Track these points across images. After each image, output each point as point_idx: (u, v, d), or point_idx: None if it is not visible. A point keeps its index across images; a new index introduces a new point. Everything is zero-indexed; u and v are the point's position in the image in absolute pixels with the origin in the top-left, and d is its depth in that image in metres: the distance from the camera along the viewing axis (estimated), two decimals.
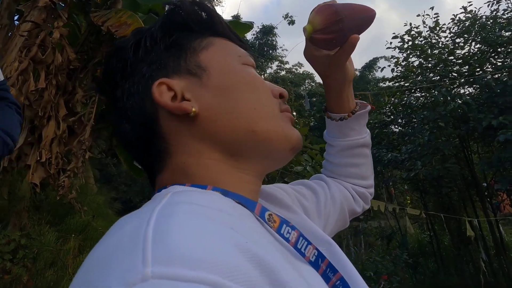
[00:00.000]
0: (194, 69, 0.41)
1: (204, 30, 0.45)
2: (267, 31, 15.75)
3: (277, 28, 15.68)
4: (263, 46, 15.95)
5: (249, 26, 3.90)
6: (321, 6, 0.52)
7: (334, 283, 0.35)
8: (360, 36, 0.54)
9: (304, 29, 0.52)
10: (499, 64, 5.72)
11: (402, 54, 6.94)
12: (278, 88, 0.46)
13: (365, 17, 0.54)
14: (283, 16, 15.13)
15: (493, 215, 6.15)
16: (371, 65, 20.92)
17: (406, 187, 9.26)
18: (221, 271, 0.20)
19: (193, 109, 0.39)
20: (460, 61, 6.27)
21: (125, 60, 0.42)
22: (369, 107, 0.67)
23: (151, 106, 0.40)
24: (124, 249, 0.22)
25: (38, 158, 2.25)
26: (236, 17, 15.13)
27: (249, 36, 15.89)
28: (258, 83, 0.44)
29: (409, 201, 9.73)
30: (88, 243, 2.39)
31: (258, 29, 15.94)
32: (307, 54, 0.59)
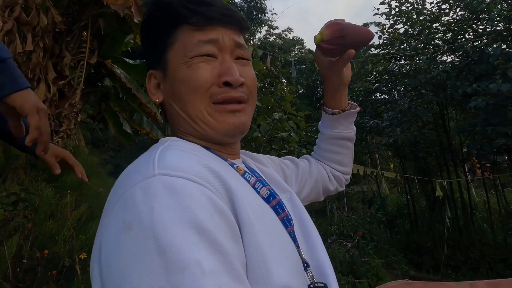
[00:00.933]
0: (164, 66, 0.53)
1: (170, 22, 0.51)
2: None
3: None
4: (252, 9, 15.48)
5: None
6: (331, 22, 0.67)
7: (282, 217, 0.50)
8: (355, 51, 0.67)
9: (315, 37, 0.68)
10: (480, 31, 5.80)
11: (389, 21, 6.97)
12: (226, 75, 0.49)
13: (364, 38, 0.68)
14: None
15: (465, 178, 6.58)
16: None
17: (390, 153, 9.59)
18: (190, 173, 0.38)
19: (157, 100, 0.54)
20: (444, 28, 6.34)
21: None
22: (358, 109, 0.81)
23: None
24: (144, 164, 0.41)
25: None
26: None
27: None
28: (190, 82, 0.49)
29: (392, 167, 10.10)
30: (84, 198, 2.57)
31: None
32: (316, 56, 0.73)
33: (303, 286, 0.44)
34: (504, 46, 5.31)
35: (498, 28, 5.35)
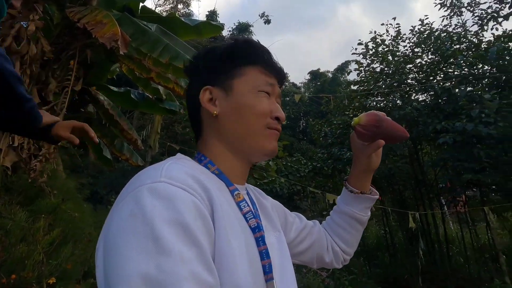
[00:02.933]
0: (227, 88, 0.66)
1: (247, 60, 0.66)
2: (243, 28, 15.88)
3: (253, 26, 15.85)
4: None
5: (219, 27, 4.14)
6: (372, 112, 0.76)
7: (261, 250, 0.59)
8: (384, 142, 0.75)
9: (353, 119, 0.76)
10: (450, 73, 6.25)
11: (366, 60, 7.43)
12: (278, 112, 0.66)
13: (397, 135, 0.75)
14: (259, 15, 15.28)
15: (442, 211, 6.79)
16: (343, 68, 21.54)
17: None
18: (185, 185, 0.50)
19: (215, 112, 0.65)
20: (417, 69, 6.82)
21: (198, 64, 0.70)
22: (377, 197, 0.86)
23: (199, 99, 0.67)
24: (154, 171, 0.52)
25: (10, 143, 2.38)
26: (213, 13, 15.15)
27: (224, 33, 15.94)
28: (255, 108, 0.64)
29: None
30: (58, 223, 2.55)
31: (234, 26, 16.04)
32: (351, 136, 0.82)
33: None
34: (469, 88, 5.74)
35: (464, 72, 5.81)
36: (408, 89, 6.54)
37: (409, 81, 6.64)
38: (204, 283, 0.42)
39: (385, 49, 7.19)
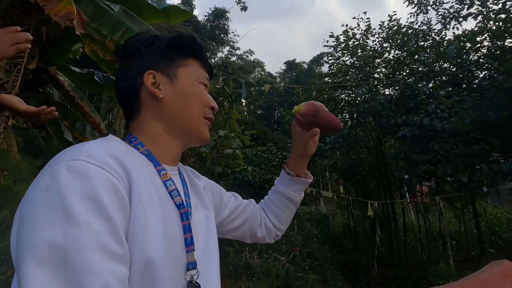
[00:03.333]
0: (171, 75, 0.69)
1: (190, 53, 0.72)
2: (219, 14, 15.60)
3: (229, 12, 15.61)
4: (215, 29, 15.78)
5: (188, 12, 4.07)
6: (311, 102, 0.81)
7: (185, 224, 0.63)
8: (319, 131, 0.83)
9: (294, 107, 0.82)
10: (414, 69, 6.49)
11: (336, 53, 7.57)
12: (213, 102, 0.74)
13: (332, 125, 0.82)
14: (235, 1, 15.02)
15: (401, 201, 7.17)
16: (318, 60, 21.74)
17: (339, 176, 10.07)
18: (104, 163, 0.52)
19: (160, 96, 0.68)
20: (385, 64, 7.03)
21: (139, 48, 0.71)
22: (310, 180, 0.95)
23: (141, 81, 0.69)
24: (74, 149, 0.54)
25: None
26: None
27: (200, 17, 15.62)
28: (199, 98, 0.70)
29: (342, 190, 10.58)
30: (7, 205, 2.47)
31: (210, 11, 15.73)
32: (292, 123, 0.88)
33: (176, 273, 0.56)
34: (430, 85, 6.02)
35: (426, 68, 6.07)
36: (376, 83, 6.76)
37: (376, 75, 6.85)
38: (110, 253, 0.46)
39: (355, 43, 7.34)
